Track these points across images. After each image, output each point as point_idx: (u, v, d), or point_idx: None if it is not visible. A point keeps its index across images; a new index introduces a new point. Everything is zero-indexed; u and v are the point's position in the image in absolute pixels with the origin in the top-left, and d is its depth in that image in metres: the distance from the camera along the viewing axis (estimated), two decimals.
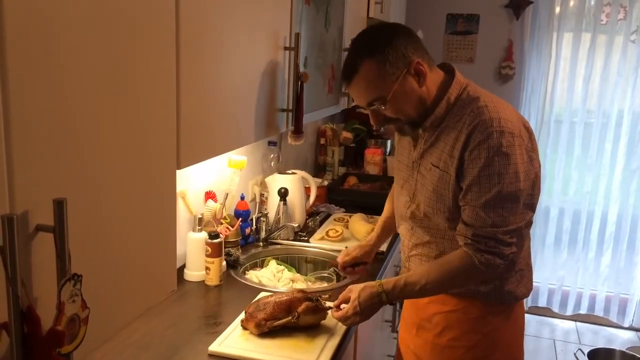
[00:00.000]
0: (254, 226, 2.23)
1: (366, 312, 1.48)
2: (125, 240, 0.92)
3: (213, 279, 1.81)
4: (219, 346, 1.43)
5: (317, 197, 2.55)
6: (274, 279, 1.95)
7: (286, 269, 2.05)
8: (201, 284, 1.83)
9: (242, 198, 2.20)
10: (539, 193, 1.44)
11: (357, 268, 1.86)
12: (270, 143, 2.49)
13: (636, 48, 3.52)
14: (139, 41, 0.91)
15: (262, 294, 1.70)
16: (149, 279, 1.00)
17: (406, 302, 1.71)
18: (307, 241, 2.26)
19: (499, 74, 3.79)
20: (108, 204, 0.86)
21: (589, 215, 3.79)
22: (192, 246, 1.84)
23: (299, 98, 1.74)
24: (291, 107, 1.74)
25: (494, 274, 1.41)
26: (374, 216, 2.53)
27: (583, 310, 3.89)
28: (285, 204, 2.27)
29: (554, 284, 3.91)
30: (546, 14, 3.62)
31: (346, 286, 1.59)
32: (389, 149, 3.56)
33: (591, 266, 3.84)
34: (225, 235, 1.96)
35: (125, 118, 0.89)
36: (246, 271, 2.01)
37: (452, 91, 1.41)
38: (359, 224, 2.34)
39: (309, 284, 1.99)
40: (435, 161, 1.43)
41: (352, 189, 2.94)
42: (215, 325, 1.55)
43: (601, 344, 3.47)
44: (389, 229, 1.85)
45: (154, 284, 1.02)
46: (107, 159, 0.85)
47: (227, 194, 2.05)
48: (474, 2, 3.77)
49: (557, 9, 3.60)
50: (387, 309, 2.34)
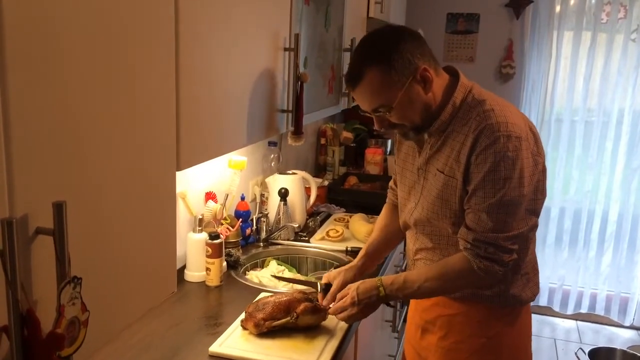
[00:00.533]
0: (254, 226, 2.23)
1: (363, 303, 1.46)
2: (124, 242, 0.92)
3: (213, 280, 1.81)
4: (219, 347, 1.43)
5: (317, 197, 2.55)
6: (275, 279, 1.95)
7: (287, 269, 2.05)
8: (202, 284, 1.83)
9: (242, 198, 2.20)
10: (544, 197, 1.42)
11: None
12: (270, 143, 2.49)
13: (636, 47, 3.51)
14: (138, 43, 0.91)
15: (263, 295, 1.70)
16: (149, 280, 1.00)
17: (411, 304, 1.70)
18: (308, 241, 2.27)
19: (499, 73, 3.79)
20: (107, 206, 0.86)
21: (589, 214, 3.78)
22: (193, 247, 1.84)
23: (298, 99, 1.74)
24: (291, 108, 1.74)
25: (493, 280, 1.40)
26: (375, 216, 2.52)
27: (584, 310, 3.89)
28: (285, 204, 2.27)
29: (555, 283, 3.91)
30: (546, 12, 3.61)
31: (346, 285, 1.58)
32: (389, 148, 3.56)
33: (592, 265, 3.84)
34: (226, 235, 1.96)
35: (124, 120, 0.89)
36: (246, 272, 2.02)
37: (458, 95, 1.39)
38: (359, 224, 2.34)
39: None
40: (441, 167, 1.41)
41: (353, 188, 2.94)
42: (216, 325, 1.56)
43: (602, 343, 3.47)
44: (377, 254, 1.74)
45: (154, 286, 1.02)
46: (107, 161, 0.85)
47: (228, 195, 2.05)
48: (474, 2, 3.77)
49: (558, 8, 3.60)
50: (388, 310, 2.34)
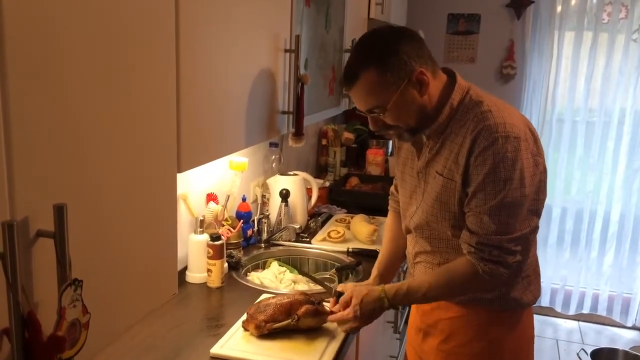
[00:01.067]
0: (255, 228, 2.23)
1: (366, 316, 1.47)
2: (125, 244, 0.92)
3: (215, 281, 1.81)
4: (220, 348, 1.43)
5: (318, 198, 2.55)
6: (276, 280, 1.95)
7: (288, 270, 2.05)
8: (203, 285, 1.83)
9: (243, 200, 2.20)
10: (544, 198, 1.41)
11: None
12: (271, 144, 2.49)
13: (638, 47, 3.51)
14: (139, 45, 0.91)
15: (264, 296, 1.70)
16: (149, 283, 1.00)
17: (412, 307, 1.70)
18: (309, 242, 2.26)
19: (500, 74, 3.78)
20: (108, 208, 0.87)
21: (591, 215, 3.78)
22: (194, 248, 1.84)
23: (299, 100, 1.74)
24: (292, 109, 1.74)
25: (498, 283, 1.40)
26: (376, 217, 2.53)
27: (586, 310, 3.88)
28: (286, 205, 2.27)
29: (557, 283, 3.91)
30: (547, 13, 3.61)
31: None
32: (390, 149, 3.55)
33: (594, 266, 3.83)
34: (227, 237, 1.96)
35: (125, 122, 0.89)
36: (248, 273, 2.02)
37: (455, 96, 1.38)
38: (360, 225, 2.34)
39: (311, 285, 1.99)
40: (440, 169, 1.40)
41: (354, 189, 2.94)
42: (217, 327, 1.56)
43: (604, 344, 3.47)
44: (390, 271, 1.72)
45: (154, 288, 1.02)
46: (107, 163, 0.85)
47: (229, 196, 2.05)
48: (475, 2, 3.77)
49: (559, 8, 3.59)
50: (389, 311, 2.34)
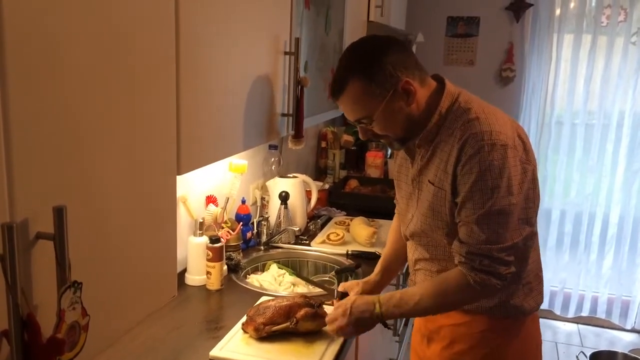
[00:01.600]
0: (255, 230, 2.23)
1: (355, 317, 1.44)
2: (125, 246, 0.92)
3: (214, 283, 1.81)
4: (220, 351, 1.43)
5: (318, 200, 2.55)
6: (275, 282, 1.95)
7: (287, 273, 2.04)
8: (202, 288, 1.83)
9: (243, 202, 2.20)
10: (536, 206, 1.39)
11: None
12: (271, 147, 2.49)
13: (637, 50, 3.52)
14: (139, 47, 0.91)
15: (264, 298, 1.70)
16: (149, 285, 1.00)
17: None
18: (308, 245, 2.26)
19: (499, 77, 3.79)
20: (108, 211, 0.87)
21: (590, 217, 3.78)
22: (193, 250, 1.84)
23: (299, 102, 1.74)
24: (291, 112, 1.74)
25: (490, 294, 1.38)
26: (375, 219, 2.53)
27: (585, 313, 3.88)
28: (286, 207, 2.27)
29: (556, 286, 3.90)
30: (546, 16, 3.62)
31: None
32: (390, 151, 3.55)
33: (593, 268, 3.83)
34: (226, 239, 1.96)
35: (125, 124, 0.89)
36: (247, 275, 2.01)
37: (444, 104, 1.38)
38: (360, 227, 2.33)
39: (310, 287, 1.99)
40: (431, 177, 1.40)
41: (353, 192, 2.94)
42: (217, 329, 1.55)
43: (603, 347, 3.46)
44: (393, 268, 1.73)
45: (154, 290, 1.02)
46: (107, 166, 0.85)
47: (228, 198, 2.05)
48: (474, 5, 3.77)
49: (558, 11, 3.60)
50: None
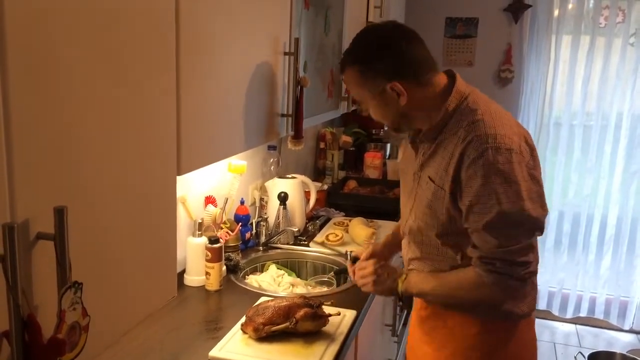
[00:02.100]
0: (253, 230, 2.23)
1: (383, 277, 1.50)
2: (125, 247, 0.91)
3: (213, 284, 1.81)
4: (219, 351, 1.43)
5: (316, 201, 2.55)
6: (274, 283, 1.95)
7: (286, 273, 2.05)
8: (201, 288, 1.82)
9: (242, 202, 2.20)
10: (545, 212, 1.36)
11: None
12: (270, 147, 2.49)
13: (635, 50, 3.53)
14: (139, 48, 0.91)
15: (263, 299, 1.70)
16: (149, 285, 1.00)
17: (412, 313, 1.67)
18: (307, 245, 2.26)
19: (498, 78, 3.79)
20: (108, 211, 0.86)
21: (588, 218, 3.79)
22: (192, 251, 1.84)
23: (298, 103, 1.74)
24: (291, 112, 1.74)
25: (511, 294, 1.36)
26: (374, 220, 2.53)
27: (583, 313, 3.88)
28: (285, 208, 2.27)
29: (554, 287, 3.91)
30: (545, 17, 3.63)
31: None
32: (388, 152, 3.56)
33: (591, 269, 3.84)
34: (225, 239, 1.95)
35: (125, 125, 0.89)
36: (246, 276, 2.01)
37: (451, 102, 1.36)
38: (359, 228, 2.34)
39: (309, 288, 1.99)
40: (432, 174, 1.39)
41: (352, 192, 2.94)
42: (216, 330, 1.55)
43: (601, 347, 3.47)
44: (396, 245, 1.72)
45: (154, 291, 1.02)
46: (108, 166, 0.85)
47: (227, 199, 2.05)
48: (473, 6, 3.78)
49: (556, 12, 3.61)
50: (388, 314, 2.34)
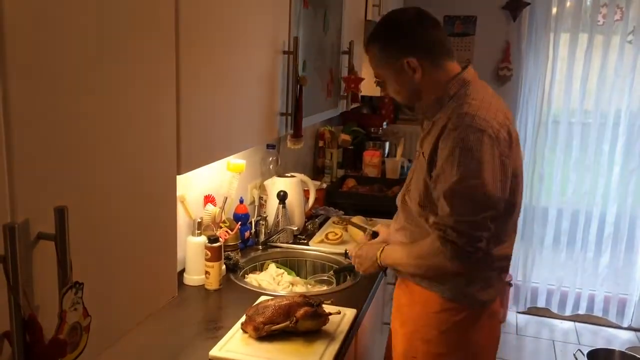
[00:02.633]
0: (253, 229, 2.23)
1: (361, 257, 1.67)
2: (126, 247, 0.91)
3: (213, 283, 1.81)
4: (219, 351, 1.43)
5: (316, 199, 2.55)
6: (274, 282, 1.95)
7: (286, 272, 2.04)
8: (201, 288, 1.82)
9: (241, 201, 2.20)
10: (513, 201, 1.47)
11: None
12: (269, 146, 2.49)
13: (633, 48, 3.53)
14: (138, 46, 0.91)
15: (263, 298, 1.70)
16: (150, 285, 1.00)
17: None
18: (307, 244, 2.26)
19: (496, 75, 3.79)
20: (109, 211, 0.86)
21: (587, 216, 3.79)
22: (192, 250, 1.83)
23: (298, 102, 1.74)
24: (290, 111, 1.74)
25: (462, 263, 1.40)
26: (373, 218, 2.53)
27: (582, 311, 3.89)
28: (284, 207, 2.27)
29: (553, 284, 3.92)
30: (543, 15, 3.62)
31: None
32: (387, 150, 3.56)
33: (590, 266, 3.84)
34: (225, 239, 1.95)
35: (125, 124, 0.88)
36: (246, 275, 2.01)
37: (452, 86, 1.50)
38: (354, 231, 2.33)
39: (309, 287, 1.99)
40: (424, 149, 1.50)
41: (351, 191, 2.94)
42: (216, 329, 1.55)
43: (600, 345, 3.48)
44: None
45: (155, 291, 1.02)
46: (108, 166, 0.85)
47: (226, 198, 2.04)
48: (471, 4, 3.78)
49: (554, 10, 3.61)
50: (387, 312, 2.34)
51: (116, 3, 0.85)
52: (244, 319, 1.53)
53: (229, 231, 2.00)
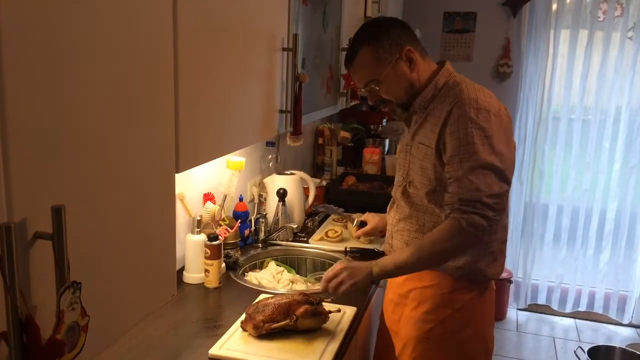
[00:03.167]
0: (252, 227, 2.22)
1: (353, 266, 1.58)
2: (124, 245, 0.91)
3: (212, 281, 1.80)
4: (219, 349, 1.42)
5: (315, 197, 2.54)
6: (274, 280, 1.95)
7: (285, 270, 2.04)
8: (200, 286, 1.82)
9: (240, 199, 2.19)
10: (511, 168, 1.54)
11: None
12: (268, 144, 2.48)
13: (633, 45, 3.52)
14: (136, 45, 0.90)
15: (263, 296, 1.69)
16: (148, 284, 0.99)
17: (388, 281, 1.80)
18: (306, 242, 2.26)
19: (496, 72, 3.79)
20: (107, 210, 0.86)
21: (587, 213, 3.79)
22: (191, 248, 1.83)
23: (297, 99, 1.73)
24: (290, 108, 1.73)
25: (481, 236, 1.46)
26: None
27: (582, 308, 3.89)
28: (284, 204, 2.27)
29: (553, 281, 3.92)
30: (543, 11, 3.61)
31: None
32: (387, 148, 3.55)
33: (590, 263, 3.84)
34: (224, 237, 1.95)
35: (123, 122, 0.88)
36: (245, 273, 2.01)
37: (440, 78, 1.58)
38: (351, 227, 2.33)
39: (309, 284, 1.98)
40: (422, 139, 1.57)
41: (351, 188, 2.93)
42: (215, 328, 1.55)
43: (601, 341, 3.48)
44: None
45: (154, 289, 1.01)
46: (106, 164, 0.84)
47: (226, 196, 2.04)
48: (471, 0, 3.77)
49: (554, 6, 3.60)
50: None
51: (115, 1, 0.84)
52: (243, 317, 1.53)
53: (229, 229, 1.99)
